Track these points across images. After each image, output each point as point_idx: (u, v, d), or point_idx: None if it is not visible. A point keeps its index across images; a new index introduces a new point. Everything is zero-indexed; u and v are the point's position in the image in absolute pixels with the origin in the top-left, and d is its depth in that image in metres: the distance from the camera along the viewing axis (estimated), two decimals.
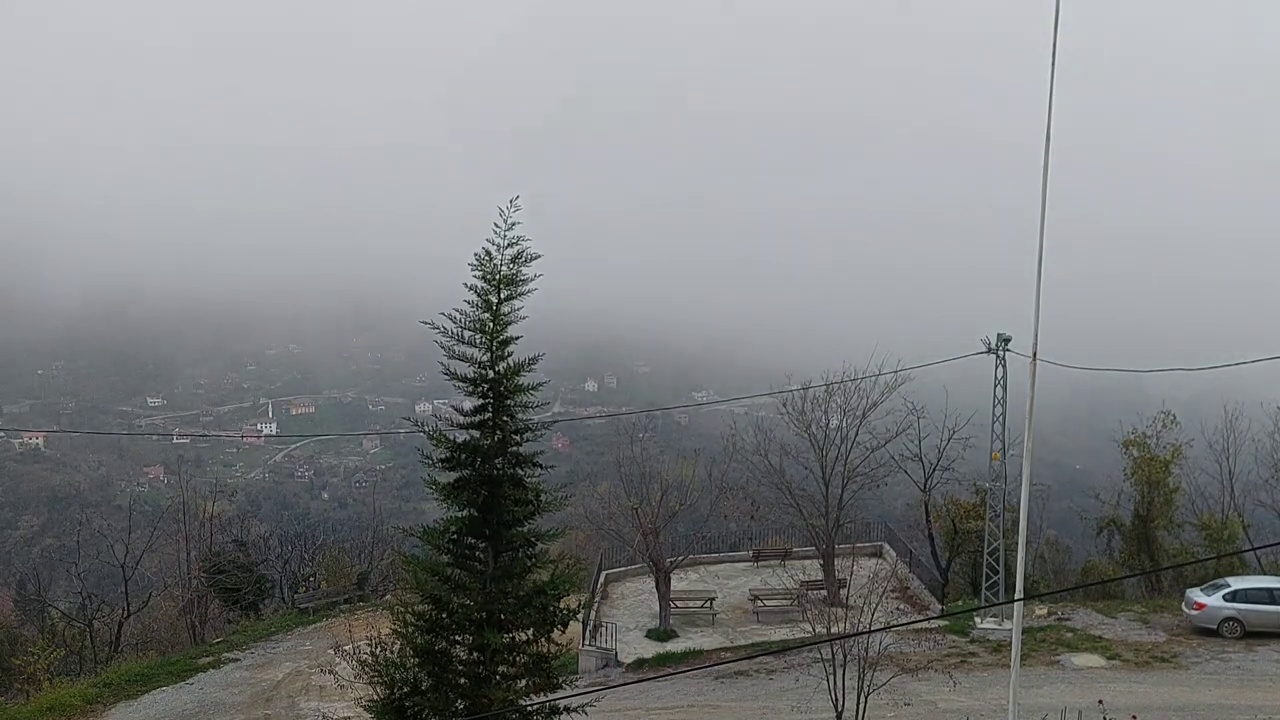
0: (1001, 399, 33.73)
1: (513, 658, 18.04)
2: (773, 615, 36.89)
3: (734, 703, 29.64)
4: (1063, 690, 28.25)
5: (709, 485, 39.16)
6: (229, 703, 33.10)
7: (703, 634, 36.17)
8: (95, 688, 35.01)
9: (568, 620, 18.56)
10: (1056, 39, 17.93)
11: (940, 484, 42.65)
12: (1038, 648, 32.34)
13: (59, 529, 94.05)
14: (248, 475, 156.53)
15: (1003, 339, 33.01)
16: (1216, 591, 33.67)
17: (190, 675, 36.18)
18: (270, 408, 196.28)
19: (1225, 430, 41.34)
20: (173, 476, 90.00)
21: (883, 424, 39.34)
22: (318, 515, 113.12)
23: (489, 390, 17.79)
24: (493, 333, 17.77)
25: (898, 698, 25.61)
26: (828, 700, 23.81)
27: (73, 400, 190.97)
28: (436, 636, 17.85)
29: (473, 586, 17.72)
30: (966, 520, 41.53)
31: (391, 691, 17.89)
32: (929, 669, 27.56)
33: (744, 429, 41.39)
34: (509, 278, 17.76)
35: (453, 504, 17.74)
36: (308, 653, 37.87)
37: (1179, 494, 41.61)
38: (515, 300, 17.83)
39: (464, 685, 17.82)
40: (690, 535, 41.19)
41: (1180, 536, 41.81)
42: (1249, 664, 31.01)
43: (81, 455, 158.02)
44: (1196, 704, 27.60)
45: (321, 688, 32.22)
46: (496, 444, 17.67)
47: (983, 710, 26.85)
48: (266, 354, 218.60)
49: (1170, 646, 32.67)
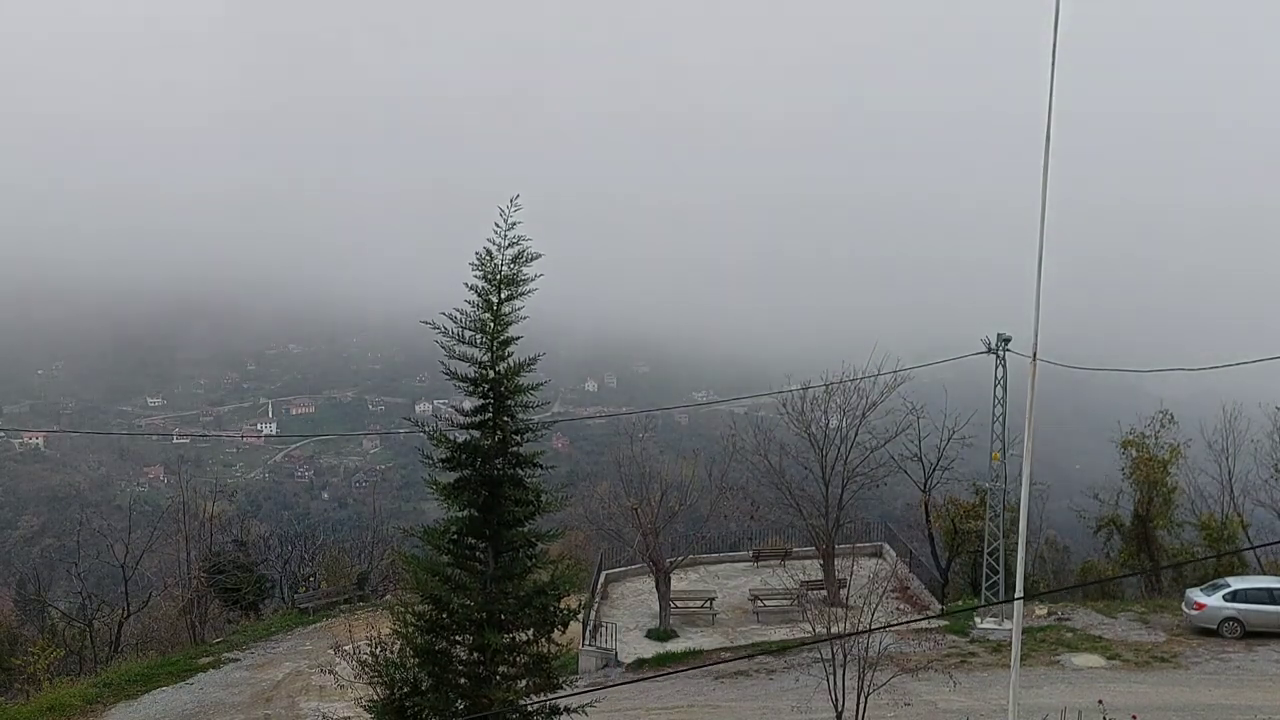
0: (1001, 399, 33.74)
1: (513, 658, 18.04)
2: (773, 615, 36.90)
3: (734, 703, 29.64)
4: (1063, 690, 28.25)
5: (709, 485, 39.16)
6: (229, 703, 33.10)
7: (703, 634, 36.17)
8: (95, 688, 35.02)
9: (568, 620, 18.56)
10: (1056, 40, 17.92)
11: (940, 484, 42.69)
12: (1038, 648, 32.33)
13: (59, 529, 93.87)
14: (248, 475, 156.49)
15: (1003, 339, 33.02)
16: (1216, 591, 33.66)
17: (190, 675, 36.19)
18: (270, 408, 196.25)
19: (1225, 430, 41.31)
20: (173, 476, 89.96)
21: (882, 424, 39.36)
22: (318, 515, 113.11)
23: (489, 390, 17.78)
24: (493, 333, 17.75)
25: (898, 698, 25.60)
26: (828, 700, 23.81)
27: (73, 400, 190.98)
28: (436, 637, 17.85)
29: (473, 587, 17.72)
30: (966, 520, 41.56)
31: (391, 691, 17.90)
32: (929, 669, 27.56)
33: (744, 429, 41.39)
34: (510, 277, 17.74)
35: (453, 504, 17.74)
36: (308, 653, 37.88)
37: (1178, 494, 41.62)
38: (516, 300, 17.81)
39: (464, 685, 17.83)
40: (690, 535, 41.15)
41: (1180, 536, 41.81)
42: (1249, 664, 31.00)
43: (81, 455, 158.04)
44: (1196, 704, 27.60)
45: (321, 688, 32.22)
46: (497, 444, 17.67)
47: (983, 710, 26.85)
48: (266, 354, 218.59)
49: (1170, 646, 32.66)
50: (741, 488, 40.70)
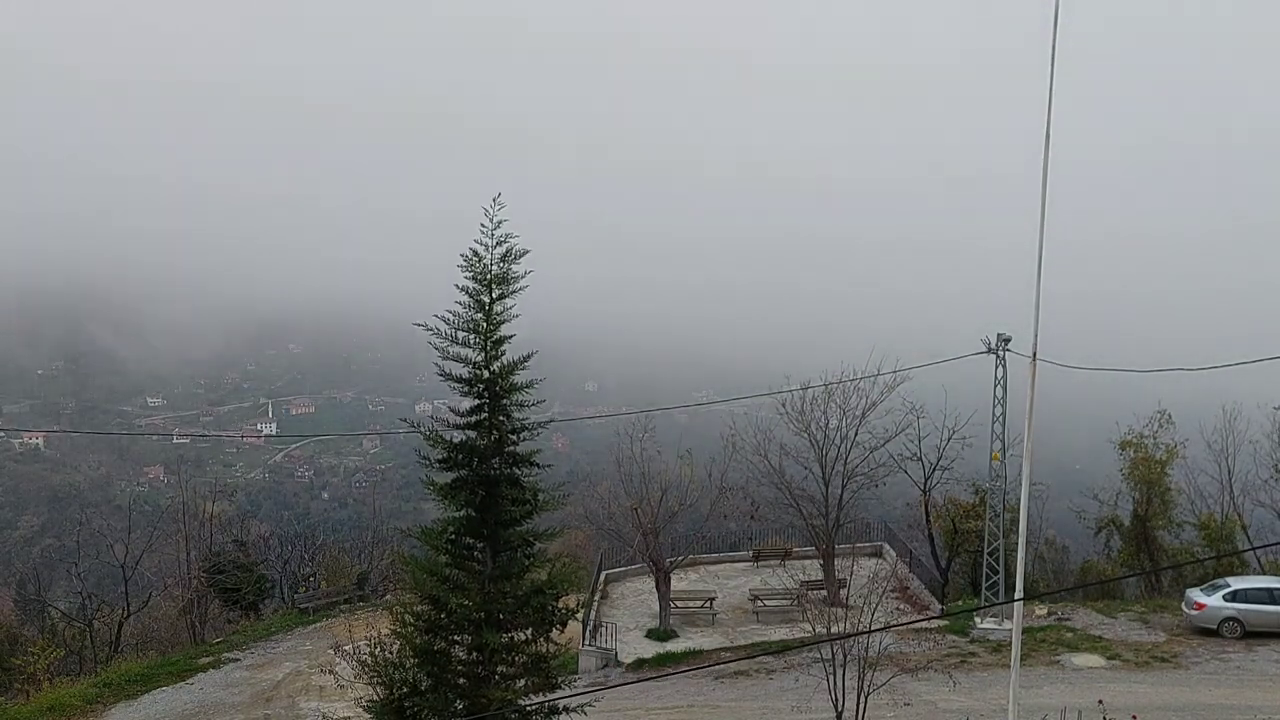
0: (1001, 399, 33.70)
1: (512, 658, 18.03)
2: (773, 615, 36.88)
3: (734, 703, 29.61)
4: (1063, 690, 28.22)
5: (709, 485, 39.11)
6: (229, 703, 33.08)
7: (703, 634, 36.14)
8: (95, 688, 35.01)
9: (566, 620, 18.55)
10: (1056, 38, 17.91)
11: (940, 484, 42.62)
12: (1038, 648, 32.31)
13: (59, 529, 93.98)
14: (248, 475, 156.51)
15: (1003, 339, 32.99)
16: (1216, 591, 33.64)
17: (190, 675, 36.18)
18: (270, 408, 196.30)
19: (1224, 430, 41.29)
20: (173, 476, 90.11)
21: (882, 424, 39.31)
22: (318, 515, 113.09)
23: (484, 390, 17.76)
24: (486, 332, 17.72)
25: (898, 698, 25.59)
26: (828, 700, 23.79)
27: (73, 400, 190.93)
28: (435, 637, 17.84)
29: (471, 586, 17.70)
30: (966, 520, 41.54)
31: (391, 692, 17.89)
32: (929, 669, 27.54)
33: (744, 429, 41.29)
34: (500, 276, 17.69)
35: (450, 504, 17.73)
36: (308, 653, 37.87)
37: (1178, 494, 41.61)
38: (508, 299, 17.77)
39: (463, 685, 17.82)
40: (690, 535, 41.11)
41: (1180, 536, 41.80)
42: (1249, 664, 30.98)
43: (81, 455, 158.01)
44: (1196, 704, 27.57)
45: (321, 688, 32.22)
46: (493, 444, 17.65)
47: (983, 710, 26.83)
48: (266, 354, 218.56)
49: (1170, 646, 32.64)
50: (741, 488, 40.64)
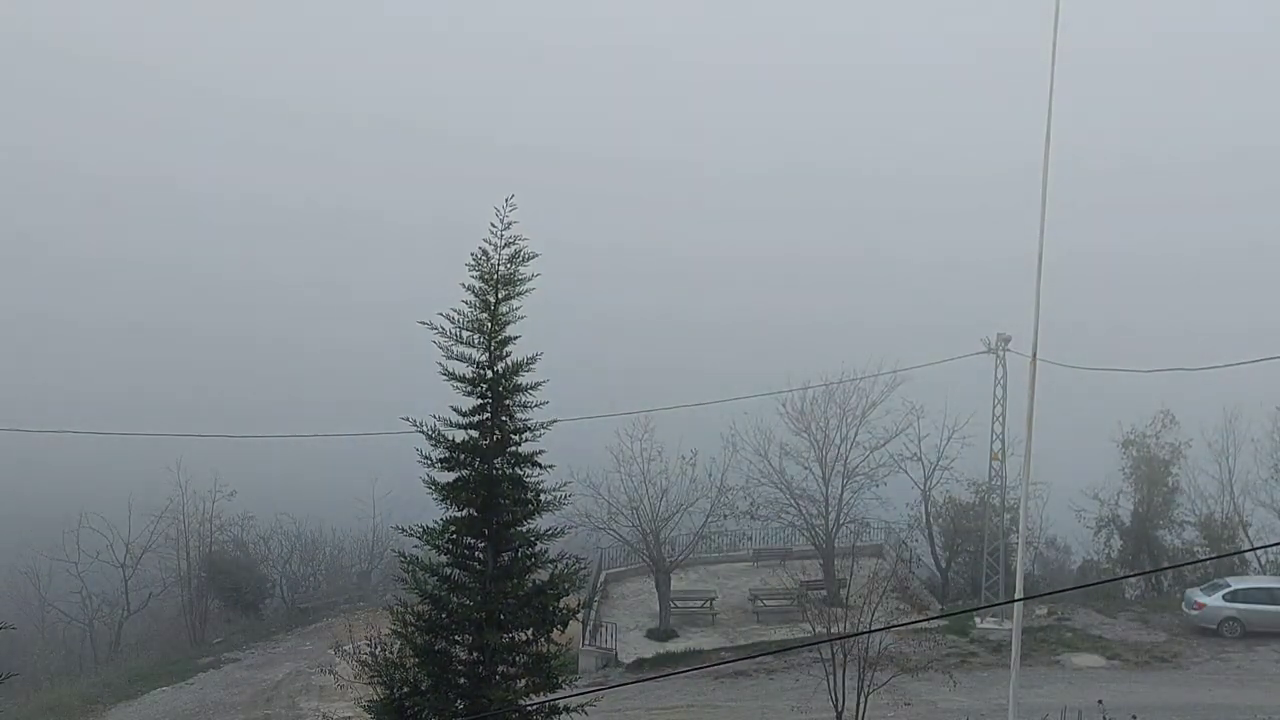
0: (1001, 399, 33.74)
1: (512, 658, 18.00)
2: (773, 615, 36.89)
3: (734, 703, 29.64)
4: (1063, 690, 28.24)
5: (709, 485, 39.11)
6: (229, 703, 33.10)
7: (703, 634, 36.16)
8: (95, 688, 35.05)
9: (567, 620, 18.52)
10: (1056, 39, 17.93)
11: (940, 484, 42.58)
12: (1038, 648, 32.31)
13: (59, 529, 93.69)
14: None
15: (1003, 339, 33.03)
16: (1216, 591, 33.66)
17: (190, 675, 36.21)
18: None
19: (1225, 430, 41.25)
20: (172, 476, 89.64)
21: (882, 424, 39.30)
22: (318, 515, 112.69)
23: (487, 390, 17.74)
24: (491, 333, 17.70)
25: (898, 698, 25.63)
26: (828, 700, 23.81)
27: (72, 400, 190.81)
28: (436, 637, 17.81)
29: (472, 586, 17.68)
30: (966, 520, 41.50)
31: (391, 692, 17.86)
32: (929, 669, 27.56)
33: (744, 429, 41.28)
34: (506, 277, 17.69)
35: (451, 504, 17.71)
36: (308, 653, 37.86)
37: (1178, 494, 41.58)
38: (514, 300, 17.76)
39: (464, 685, 17.79)
40: (690, 535, 41.09)
41: (1180, 536, 41.78)
42: (1249, 664, 31.01)
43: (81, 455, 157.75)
44: (1196, 704, 27.59)
45: (321, 688, 32.24)
46: (495, 444, 17.63)
47: (983, 710, 26.86)
48: None
49: (1170, 646, 32.67)
50: (741, 488, 40.63)
